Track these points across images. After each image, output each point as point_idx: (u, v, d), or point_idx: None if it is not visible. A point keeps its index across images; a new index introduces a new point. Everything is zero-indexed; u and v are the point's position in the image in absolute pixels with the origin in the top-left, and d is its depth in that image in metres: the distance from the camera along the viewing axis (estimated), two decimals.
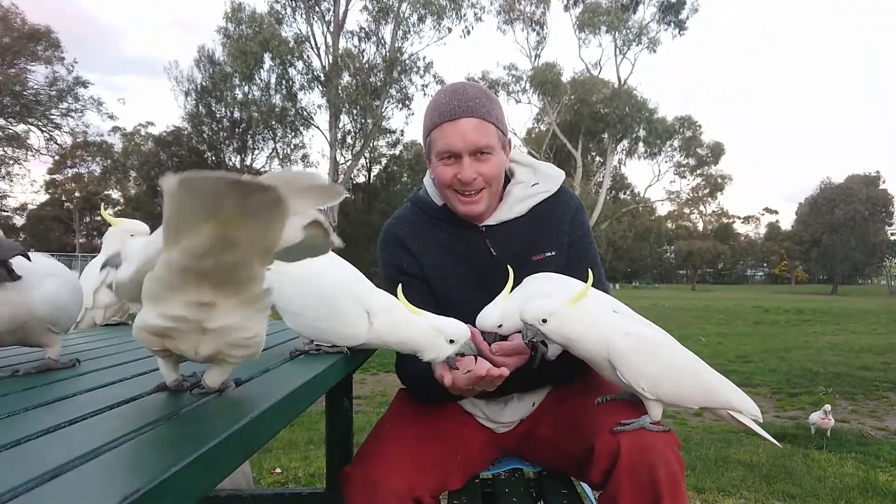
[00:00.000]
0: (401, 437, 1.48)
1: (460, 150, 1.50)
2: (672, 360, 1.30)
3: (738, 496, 3.23)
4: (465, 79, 32.15)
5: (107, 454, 0.67)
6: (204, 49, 30.98)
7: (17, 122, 31.03)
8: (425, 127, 1.57)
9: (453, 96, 1.52)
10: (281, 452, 3.95)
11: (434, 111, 1.53)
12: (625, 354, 1.26)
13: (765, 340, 11.57)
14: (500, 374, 1.27)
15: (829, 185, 62.39)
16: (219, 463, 0.71)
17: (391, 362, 1.77)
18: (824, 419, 4.53)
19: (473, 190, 1.54)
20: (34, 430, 0.76)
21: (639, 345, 1.27)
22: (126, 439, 0.72)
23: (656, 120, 33.00)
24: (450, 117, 1.49)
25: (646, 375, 1.26)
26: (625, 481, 1.26)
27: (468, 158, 1.51)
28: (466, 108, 1.49)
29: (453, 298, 1.59)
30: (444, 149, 1.51)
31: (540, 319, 1.28)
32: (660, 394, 1.28)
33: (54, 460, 0.63)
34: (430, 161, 1.60)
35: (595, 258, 1.66)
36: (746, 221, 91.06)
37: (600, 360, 1.30)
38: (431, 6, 25.50)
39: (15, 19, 28.80)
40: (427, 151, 1.61)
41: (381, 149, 34.66)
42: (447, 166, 1.53)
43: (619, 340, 1.27)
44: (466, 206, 1.56)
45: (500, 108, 1.58)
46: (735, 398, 1.33)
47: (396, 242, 1.65)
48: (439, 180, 1.57)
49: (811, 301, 30.58)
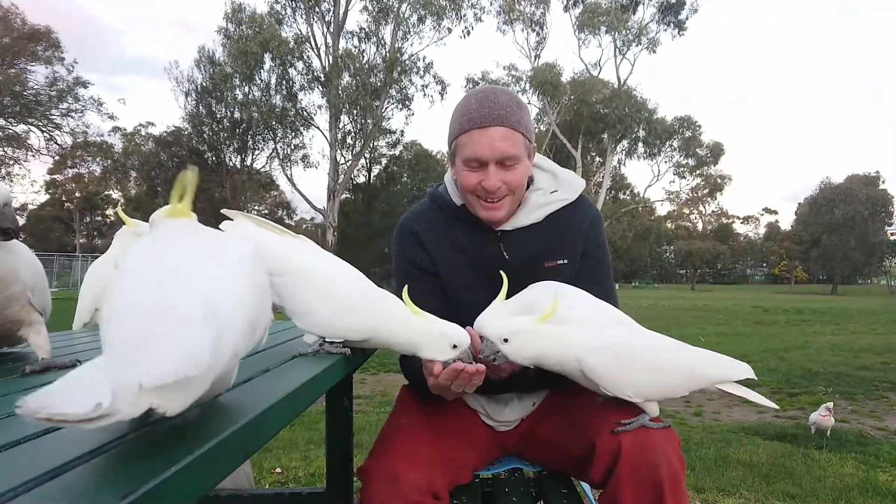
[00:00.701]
0: (418, 431, 1.48)
1: (487, 158, 1.49)
2: (645, 363, 1.30)
3: (737, 496, 3.23)
4: (464, 79, 32.26)
5: (107, 454, 0.67)
6: (204, 49, 31.00)
7: (17, 123, 31.03)
8: (452, 130, 1.55)
9: (484, 102, 1.50)
10: (281, 452, 3.95)
11: (463, 116, 1.51)
12: (598, 370, 1.26)
13: (764, 340, 11.57)
14: (475, 369, 1.27)
15: (828, 185, 62.41)
16: (219, 463, 0.71)
17: (391, 362, 1.77)
18: (825, 416, 4.43)
19: (497, 197, 1.53)
20: (34, 429, 0.76)
21: (611, 359, 1.27)
22: (126, 439, 0.72)
23: (656, 120, 33.00)
24: (479, 124, 1.48)
25: (627, 384, 1.27)
26: (626, 480, 1.26)
27: (494, 167, 1.50)
28: (497, 117, 1.48)
29: (461, 299, 1.60)
30: (472, 156, 1.50)
31: (501, 339, 1.28)
32: (647, 395, 1.29)
33: (54, 460, 0.63)
34: (454, 164, 1.59)
35: (608, 269, 1.66)
36: (746, 221, 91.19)
37: (578, 377, 1.30)
38: (431, 6, 25.51)
39: (15, 19, 28.81)
40: (451, 154, 1.60)
41: (381, 149, 34.64)
42: (472, 172, 1.52)
43: (589, 358, 1.26)
44: (488, 212, 1.56)
45: (529, 116, 1.58)
46: (717, 371, 1.32)
47: (412, 237, 1.65)
48: (463, 185, 1.56)
49: (811, 301, 30.58)
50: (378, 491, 1.31)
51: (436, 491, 1.35)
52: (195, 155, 33.68)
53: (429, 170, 34.43)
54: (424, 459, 1.37)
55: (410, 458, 1.36)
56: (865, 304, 27.97)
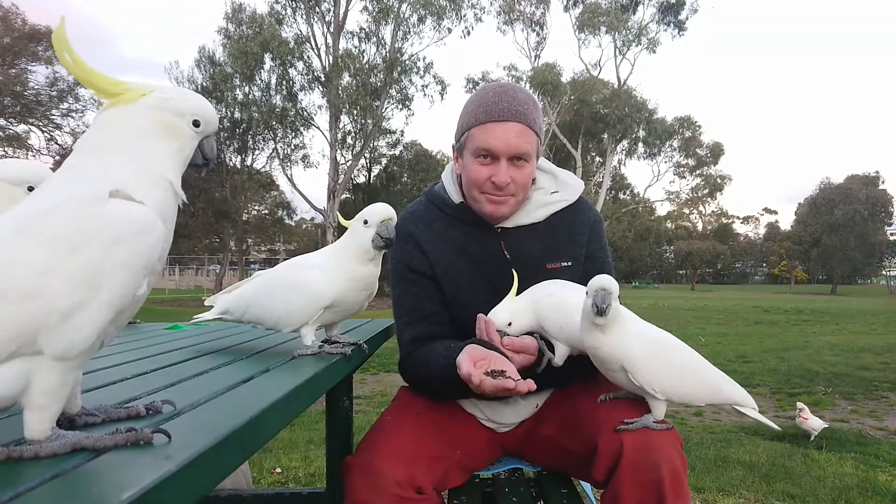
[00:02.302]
0: (402, 429, 1.48)
1: (500, 152, 1.48)
2: (682, 362, 1.32)
3: (737, 496, 3.23)
4: (465, 79, 32.19)
5: (107, 454, 0.67)
6: (204, 49, 30.94)
7: (17, 123, 31.01)
8: (465, 122, 1.54)
9: (503, 97, 1.49)
10: (281, 452, 3.95)
11: (479, 108, 1.50)
12: (638, 358, 1.27)
13: (764, 340, 11.57)
14: (527, 387, 1.27)
15: (828, 186, 62.40)
16: (219, 463, 0.71)
17: (391, 362, 1.78)
18: (805, 419, 4.28)
19: (504, 193, 1.53)
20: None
21: (651, 349, 1.29)
22: (126, 439, 0.72)
23: (656, 120, 32.97)
24: (498, 117, 1.47)
25: (658, 379, 1.28)
26: (628, 479, 1.26)
27: (505, 162, 1.49)
28: (515, 112, 1.48)
29: (462, 298, 1.59)
30: (484, 147, 1.49)
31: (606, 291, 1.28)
32: (670, 395, 1.30)
33: (54, 460, 0.64)
34: (461, 157, 1.58)
35: (610, 271, 1.67)
36: (746, 221, 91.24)
37: (612, 364, 1.31)
38: (431, 7, 25.48)
39: (15, 19, 28.79)
40: (459, 146, 1.58)
41: (381, 149, 34.61)
42: (482, 166, 1.51)
43: (632, 344, 1.28)
44: (494, 207, 1.55)
45: (541, 116, 1.59)
46: (736, 394, 1.36)
47: (409, 239, 1.64)
48: (470, 179, 1.54)
49: (810, 301, 30.56)
50: (358, 485, 1.32)
51: (418, 486, 1.34)
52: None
53: (429, 170, 34.39)
54: (407, 456, 1.37)
55: (391, 453, 1.36)
56: (865, 304, 27.96)
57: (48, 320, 0.64)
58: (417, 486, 1.34)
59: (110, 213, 0.69)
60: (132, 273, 0.69)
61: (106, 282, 0.66)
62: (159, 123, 0.78)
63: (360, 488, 1.31)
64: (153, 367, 1.31)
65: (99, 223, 0.67)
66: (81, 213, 0.68)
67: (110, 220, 0.68)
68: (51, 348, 0.65)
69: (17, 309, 0.63)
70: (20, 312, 0.63)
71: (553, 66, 31.80)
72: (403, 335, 1.64)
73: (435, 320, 1.61)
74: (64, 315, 0.64)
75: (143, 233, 0.70)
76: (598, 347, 1.30)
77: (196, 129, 0.82)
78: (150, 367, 1.31)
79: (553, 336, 1.48)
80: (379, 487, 1.29)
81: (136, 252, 0.69)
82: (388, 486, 1.30)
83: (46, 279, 0.64)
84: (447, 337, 1.59)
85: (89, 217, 0.68)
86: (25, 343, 0.64)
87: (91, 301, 0.65)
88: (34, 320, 0.63)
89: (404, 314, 1.64)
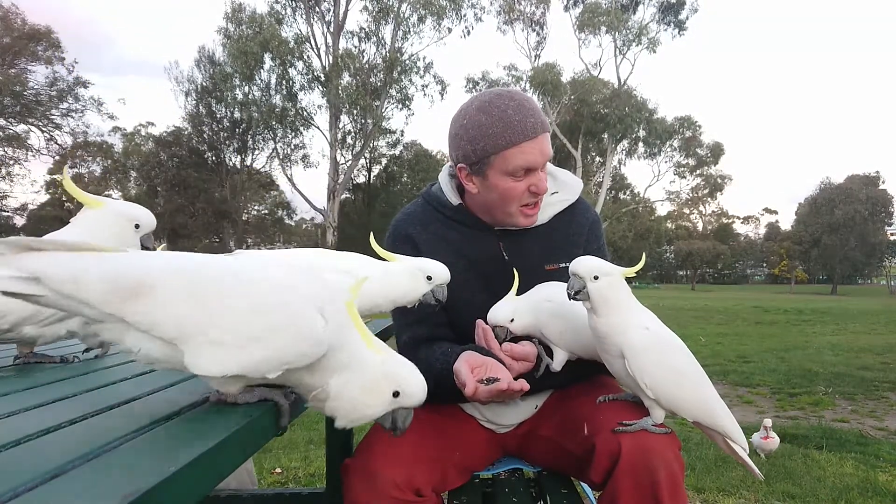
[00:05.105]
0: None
1: (540, 165, 1.51)
2: (683, 367, 1.31)
3: (737, 496, 3.23)
4: (465, 80, 32.20)
5: (107, 454, 0.67)
6: (204, 49, 30.99)
7: (17, 123, 31.01)
8: (490, 144, 1.47)
9: (525, 112, 1.47)
10: (281, 452, 3.95)
11: (507, 128, 1.46)
12: (637, 347, 1.27)
13: (764, 340, 11.57)
14: (520, 387, 1.29)
15: (828, 186, 62.42)
16: (219, 463, 0.71)
17: None
18: (766, 438, 3.73)
19: (537, 200, 1.55)
20: (34, 429, 0.76)
21: (654, 343, 1.29)
22: (126, 439, 0.72)
23: (656, 120, 33.00)
24: (532, 135, 1.47)
25: (652, 374, 1.27)
26: (625, 482, 1.26)
27: (542, 171, 1.52)
28: (541, 124, 1.49)
29: (458, 300, 1.58)
30: (526, 165, 1.48)
31: (592, 276, 1.28)
32: (660, 395, 1.28)
33: (54, 460, 0.64)
34: (480, 176, 1.53)
35: None
36: (746, 221, 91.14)
37: (612, 347, 1.31)
38: (431, 6, 25.51)
39: (15, 19, 28.79)
40: (483, 167, 1.51)
41: (381, 149, 34.66)
42: (517, 182, 1.50)
43: (635, 333, 1.28)
44: (530, 219, 1.57)
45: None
46: (729, 423, 1.34)
47: (406, 240, 1.63)
48: (506, 197, 1.51)
49: (811, 301, 30.57)
50: (357, 488, 1.32)
51: (417, 488, 1.35)
52: (195, 155, 33.69)
53: (429, 169, 34.42)
54: (405, 458, 1.37)
55: (390, 456, 1.36)
56: (865, 304, 27.96)
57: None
58: (416, 488, 1.34)
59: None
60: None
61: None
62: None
63: (358, 491, 1.31)
64: (153, 368, 1.31)
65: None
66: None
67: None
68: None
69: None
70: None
71: (553, 65, 31.83)
72: (402, 337, 1.64)
73: (433, 322, 1.61)
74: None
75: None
76: (596, 327, 1.32)
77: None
78: (151, 368, 1.30)
79: (553, 342, 1.49)
80: (377, 490, 1.30)
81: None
82: (386, 488, 1.30)
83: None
84: (445, 339, 1.59)
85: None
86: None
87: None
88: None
89: (402, 316, 1.63)
